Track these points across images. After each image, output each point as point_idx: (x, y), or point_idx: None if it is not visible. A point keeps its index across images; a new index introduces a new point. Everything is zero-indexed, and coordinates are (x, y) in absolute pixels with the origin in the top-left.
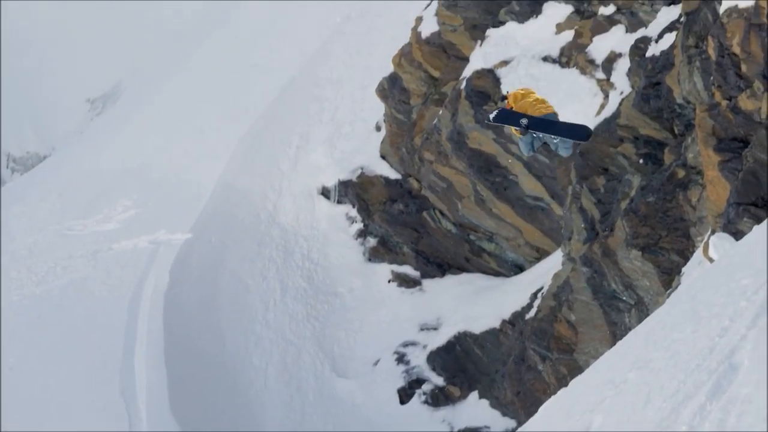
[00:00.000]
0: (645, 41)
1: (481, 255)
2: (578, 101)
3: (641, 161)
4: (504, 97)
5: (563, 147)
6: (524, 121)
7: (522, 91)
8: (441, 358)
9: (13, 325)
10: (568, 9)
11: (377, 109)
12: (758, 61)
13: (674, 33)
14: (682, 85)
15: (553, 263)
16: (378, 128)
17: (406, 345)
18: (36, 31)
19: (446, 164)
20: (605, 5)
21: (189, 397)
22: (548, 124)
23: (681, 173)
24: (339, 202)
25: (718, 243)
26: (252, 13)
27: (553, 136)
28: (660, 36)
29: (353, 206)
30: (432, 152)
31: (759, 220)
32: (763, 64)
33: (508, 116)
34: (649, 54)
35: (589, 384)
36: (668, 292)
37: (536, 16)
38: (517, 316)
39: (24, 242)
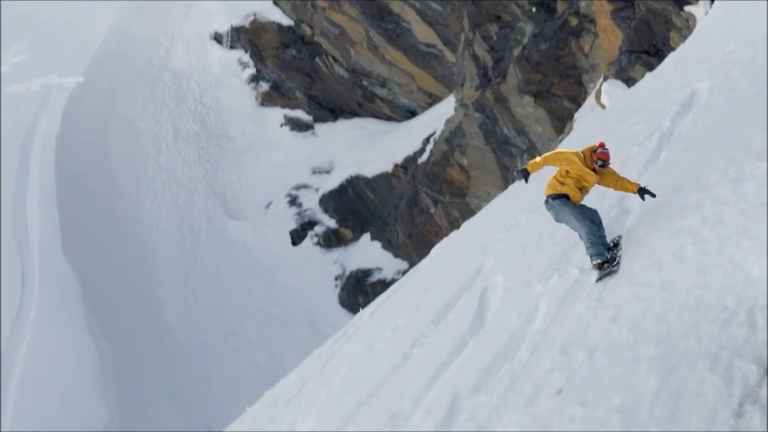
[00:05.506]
0: None
1: (374, 100)
2: None
3: (534, 9)
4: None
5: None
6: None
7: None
8: (333, 201)
9: None
10: None
11: None
12: None
13: None
14: None
15: (445, 109)
16: None
17: (298, 188)
18: None
19: (339, 11)
20: None
21: (81, 239)
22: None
23: (574, 21)
24: (231, 47)
25: (610, 90)
26: None
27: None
28: None
29: (246, 52)
30: None
31: (651, 68)
32: None
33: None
34: None
35: (481, 227)
36: (560, 137)
37: None
38: (410, 160)
39: None
